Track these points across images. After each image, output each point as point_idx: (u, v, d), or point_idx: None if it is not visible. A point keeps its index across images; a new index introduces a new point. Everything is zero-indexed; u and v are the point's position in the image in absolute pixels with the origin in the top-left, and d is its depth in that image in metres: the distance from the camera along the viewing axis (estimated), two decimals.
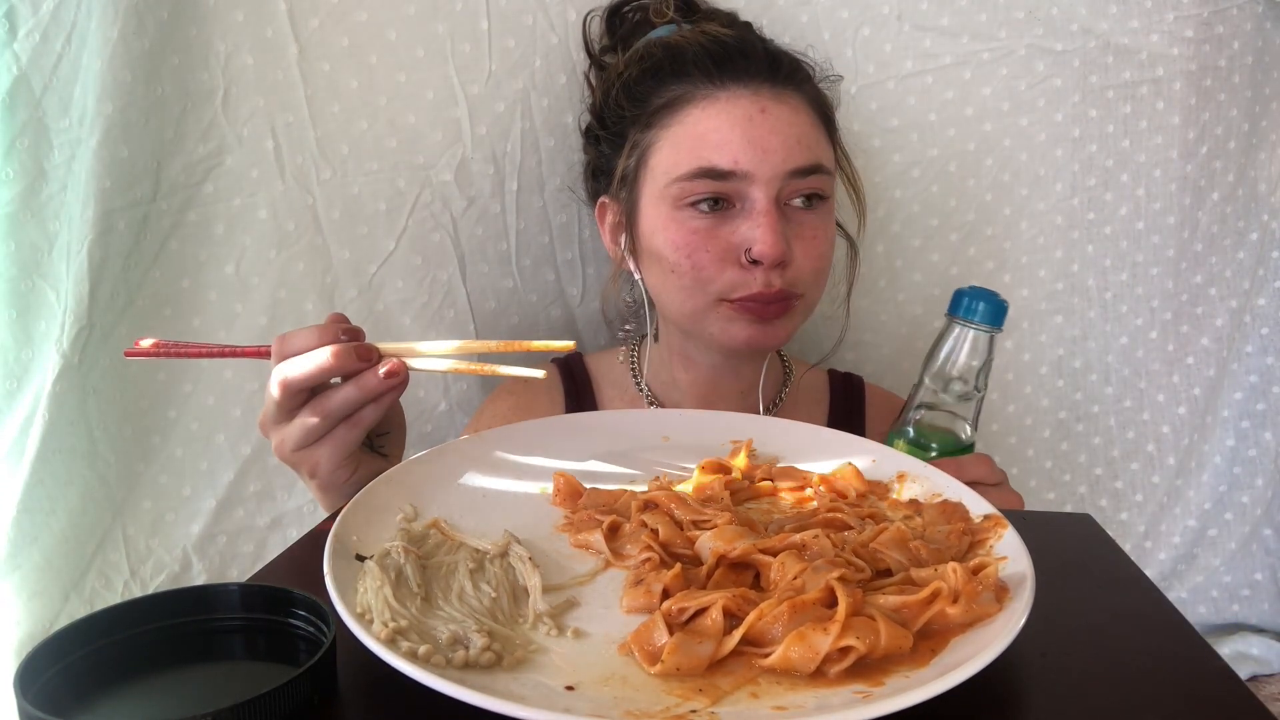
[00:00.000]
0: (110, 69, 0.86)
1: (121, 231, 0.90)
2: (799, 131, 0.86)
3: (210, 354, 0.74)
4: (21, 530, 0.89)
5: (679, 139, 0.86)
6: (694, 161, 0.84)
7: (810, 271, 0.87)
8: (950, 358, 0.80)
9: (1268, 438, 1.10)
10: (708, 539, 0.54)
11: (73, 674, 0.43)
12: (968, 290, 0.80)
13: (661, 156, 0.87)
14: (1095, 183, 1.08)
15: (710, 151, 0.84)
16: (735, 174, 0.84)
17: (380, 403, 0.70)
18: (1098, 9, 1.03)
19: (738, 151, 0.83)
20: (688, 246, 0.85)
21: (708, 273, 0.85)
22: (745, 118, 0.84)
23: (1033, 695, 0.45)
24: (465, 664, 0.44)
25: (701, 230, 0.85)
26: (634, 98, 0.90)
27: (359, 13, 0.96)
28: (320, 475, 0.72)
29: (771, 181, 0.84)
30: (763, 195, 0.83)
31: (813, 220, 0.87)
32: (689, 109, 0.86)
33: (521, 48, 1.01)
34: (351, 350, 0.68)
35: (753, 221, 0.84)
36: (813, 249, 0.87)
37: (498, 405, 1.00)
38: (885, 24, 1.05)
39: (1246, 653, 1.10)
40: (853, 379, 1.05)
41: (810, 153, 0.86)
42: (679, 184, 0.85)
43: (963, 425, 0.81)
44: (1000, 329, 0.80)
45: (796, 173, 0.85)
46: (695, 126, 0.86)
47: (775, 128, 0.85)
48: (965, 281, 1.10)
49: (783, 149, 0.84)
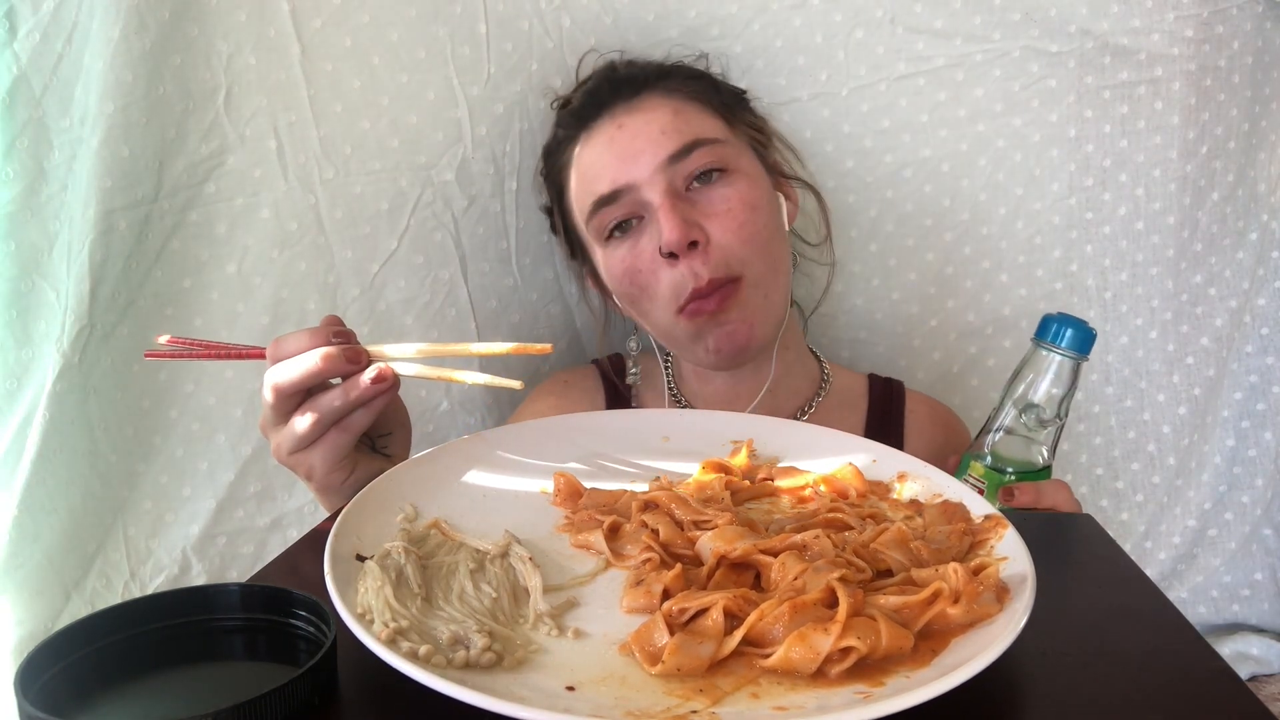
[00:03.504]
0: (112, 68, 0.86)
1: (123, 231, 0.90)
2: (660, 125, 0.89)
3: (220, 355, 0.74)
4: (22, 530, 0.89)
5: (574, 191, 0.94)
6: (587, 200, 0.91)
7: (736, 243, 0.87)
8: (1034, 384, 0.79)
9: (1268, 438, 1.10)
10: (708, 539, 0.54)
11: (73, 674, 0.44)
12: (1055, 316, 0.79)
13: (572, 211, 0.95)
14: (1093, 182, 1.08)
15: (592, 184, 0.91)
16: (620, 191, 0.88)
17: (370, 408, 0.70)
18: (1098, 9, 1.03)
19: (611, 171, 0.89)
20: (624, 273, 0.90)
21: (650, 287, 0.89)
22: (606, 140, 0.90)
23: (1033, 695, 0.45)
24: (466, 664, 0.44)
25: (627, 253, 0.90)
26: (547, 179, 1.00)
27: (361, 14, 0.97)
28: (315, 478, 0.72)
29: (653, 179, 0.87)
30: (654, 193, 0.87)
31: (720, 193, 0.88)
32: (571, 164, 0.94)
33: (519, 52, 1.02)
34: (340, 354, 0.68)
35: (657, 221, 0.87)
36: (727, 219, 0.87)
37: (538, 405, 1.02)
38: (878, 27, 1.05)
39: (1246, 653, 1.10)
40: (893, 384, 1.05)
41: (680, 135, 0.88)
42: (590, 226, 0.92)
43: (1039, 450, 0.80)
44: (1087, 357, 0.79)
45: (672, 158, 0.87)
46: (578, 174, 0.93)
47: (635, 133, 0.89)
48: (960, 280, 1.11)
49: (648, 147, 0.88)
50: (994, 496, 0.78)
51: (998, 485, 0.79)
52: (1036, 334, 0.79)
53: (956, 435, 1.03)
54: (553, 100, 1.01)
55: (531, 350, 0.68)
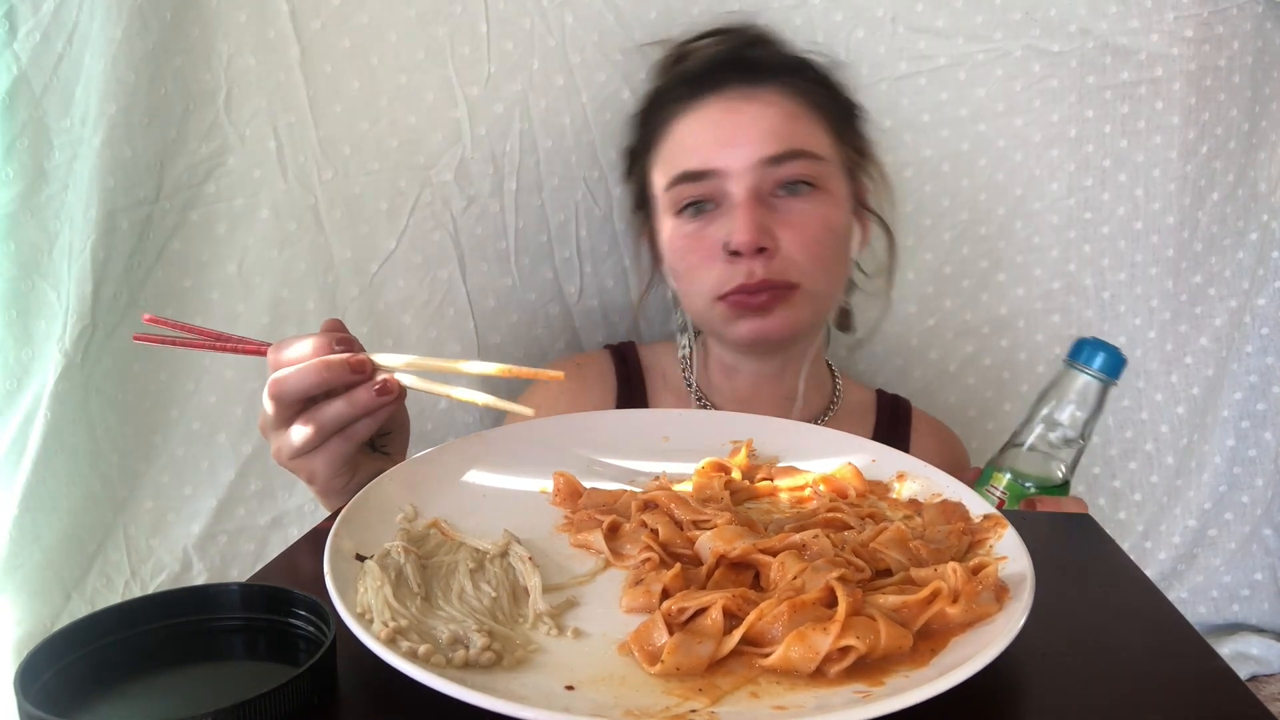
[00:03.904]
0: (114, 69, 0.87)
1: (125, 231, 0.90)
2: (771, 124, 0.88)
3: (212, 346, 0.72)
4: (23, 529, 0.89)
5: (664, 154, 0.93)
6: (674, 169, 0.90)
7: (802, 258, 0.87)
8: (1061, 403, 0.81)
9: (1268, 438, 1.10)
10: (708, 539, 0.54)
11: (73, 673, 0.43)
12: (1089, 340, 0.82)
13: (655, 174, 0.94)
14: (1092, 182, 1.08)
15: (685, 157, 0.90)
16: (709, 173, 0.88)
17: (374, 417, 0.69)
18: (1097, 9, 1.04)
19: (708, 152, 0.88)
20: (682, 250, 0.90)
21: (699, 272, 0.89)
22: (713, 121, 0.89)
23: (1033, 695, 0.45)
24: (465, 664, 0.44)
25: (691, 233, 0.90)
26: (638, 128, 0.99)
27: (360, 15, 0.97)
28: (318, 482, 0.71)
29: (745, 174, 0.87)
30: (739, 189, 0.87)
31: (801, 208, 0.88)
32: (671, 126, 0.93)
33: (520, 50, 1.02)
34: (344, 364, 0.66)
35: (732, 215, 0.87)
36: (801, 235, 0.87)
37: (550, 386, 0.99)
38: (880, 26, 1.05)
39: (1246, 653, 1.10)
40: (900, 401, 1.06)
41: (786, 140, 0.88)
42: (666, 194, 0.92)
43: (1059, 466, 0.82)
44: (1116, 382, 0.81)
45: (770, 161, 0.87)
46: (674, 139, 0.92)
47: (743, 123, 0.88)
48: (958, 279, 1.11)
49: (752, 142, 0.87)
50: (1015, 506, 0.80)
51: (1019, 497, 0.81)
52: (1069, 355, 0.82)
53: (956, 456, 1.04)
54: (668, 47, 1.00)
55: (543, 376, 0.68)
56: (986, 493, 0.83)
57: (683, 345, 1.01)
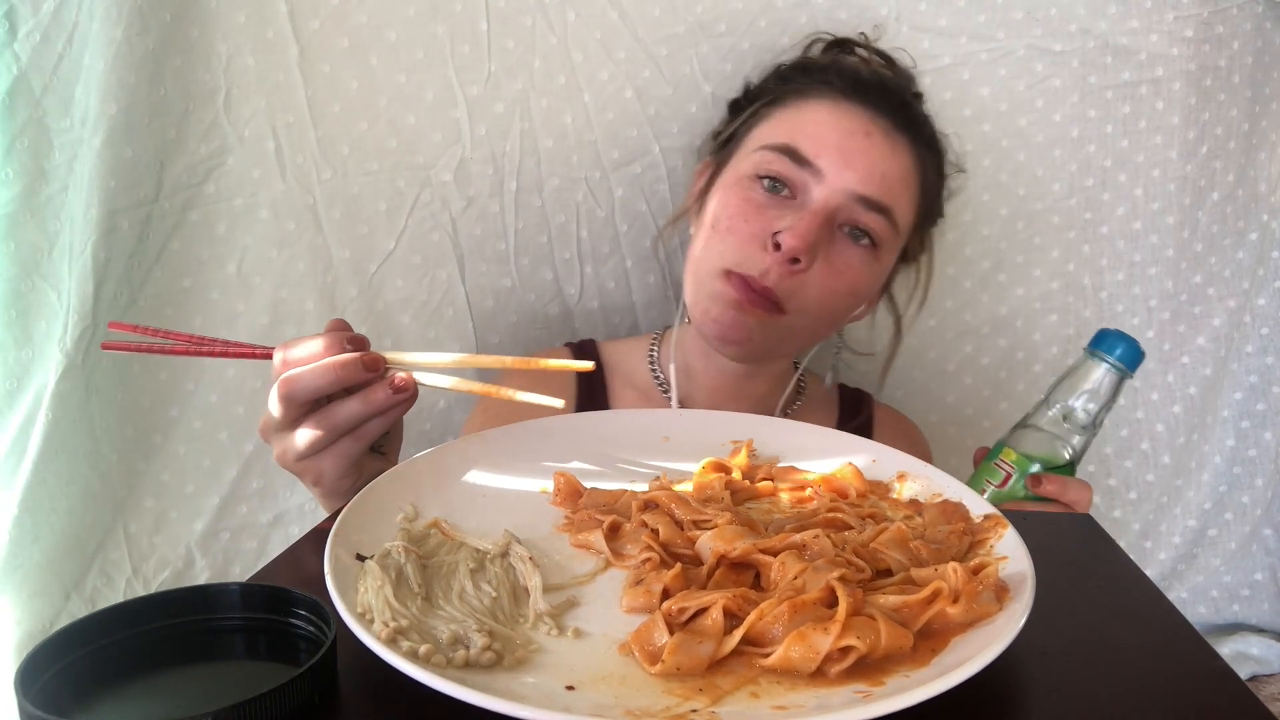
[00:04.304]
0: (114, 70, 0.86)
1: (125, 231, 0.90)
2: (889, 169, 0.87)
3: (203, 352, 0.71)
4: (23, 529, 0.89)
5: (786, 118, 0.90)
6: (784, 137, 0.88)
7: (815, 296, 0.86)
8: (1078, 389, 0.85)
9: (1268, 438, 1.10)
10: (708, 539, 0.54)
11: (73, 673, 0.43)
12: (1111, 331, 0.85)
13: (765, 127, 0.91)
14: (1093, 183, 1.08)
15: (802, 137, 0.87)
16: (811, 166, 0.86)
17: (387, 416, 0.68)
18: (1097, 9, 1.03)
19: (825, 149, 0.86)
20: (733, 210, 0.87)
21: (735, 240, 0.86)
22: (848, 130, 0.87)
23: (1033, 695, 0.45)
24: (466, 664, 0.44)
25: (754, 203, 0.87)
26: (777, 80, 0.96)
27: (359, 14, 0.97)
28: (324, 484, 0.70)
29: (836, 193, 0.85)
30: (822, 197, 0.85)
31: (850, 254, 0.87)
32: (808, 101, 0.90)
33: (520, 49, 1.01)
34: (358, 362, 0.66)
35: (798, 213, 0.85)
36: (830, 277, 0.86)
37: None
38: (883, 25, 1.05)
39: (1246, 653, 1.10)
40: (862, 395, 1.06)
41: (887, 192, 0.87)
42: (762, 151, 0.88)
43: (1066, 448, 0.85)
44: (1132, 374, 0.85)
45: (864, 200, 0.86)
46: (803, 114, 0.89)
47: (869, 150, 0.86)
48: (960, 280, 1.11)
49: (864, 170, 0.86)
50: (1021, 481, 0.84)
51: (1025, 472, 0.85)
52: (1091, 344, 0.85)
53: (917, 447, 1.03)
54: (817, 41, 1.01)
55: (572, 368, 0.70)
56: (995, 467, 0.86)
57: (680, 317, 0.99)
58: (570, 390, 0.99)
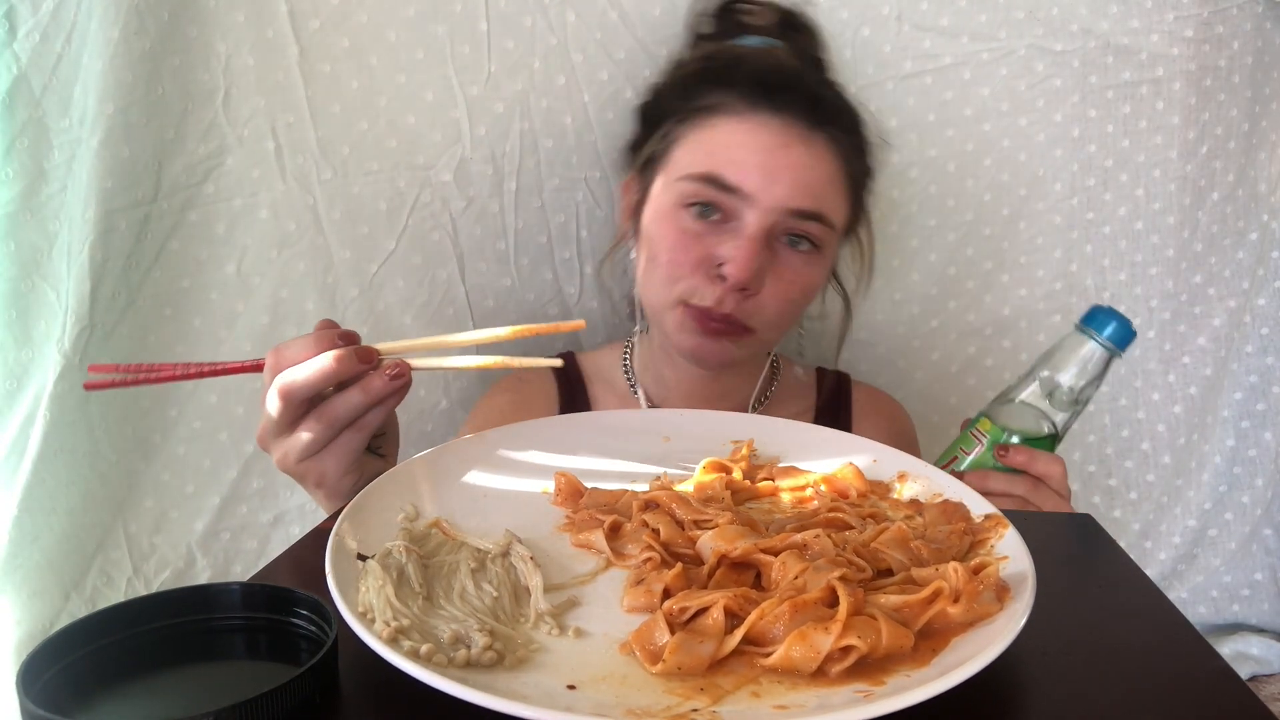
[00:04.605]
0: (112, 69, 0.86)
1: (123, 231, 0.90)
2: (814, 176, 0.87)
3: (190, 375, 0.71)
4: (22, 530, 0.89)
5: (702, 141, 0.88)
6: (705, 166, 0.86)
7: (772, 311, 0.88)
8: (1064, 365, 0.83)
9: (1268, 438, 1.10)
10: (709, 539, 0.54)
11: (75, 673, 0.43)
12: (1103, 308, 0.83)
13: (682, 152, 0.89)
14: (1094, 183, 1.08)
15: (723, 163, 0.86)
16: (737, 191, 0.85)
17: (385, 405, 0.69)
18: (1098, 9, 1.04)
19: (747, 172, 0.85)
20: (671, 243, 0.87)
21: (680, 272, 0.87)
22: (766, 146, 0.86)
23: (1033, 695, 0.45)
24: (467, 663, 0.44)
25: (690, 233, 0.87)
26: (683, 92, 0.92)
27: (359, 14, 0.97)
28: (327, 484, 0.71)
29: (768, 212, 0.85)
30: (755, 221, 0.85)
31: (795, 263, 0.88)
32: (722, 118, 0.88)
33: (520, 49, 1.02)
34: (352, 354, 0.66)
35: (736, 241, 0.85)
36: (781, 289, 0.87)
37: (494, 400, 1.01)
38: (885, 24, 1.05)
39: (1246, 653, 1.10)
40: (841, 376, 1.06)
41: (816, 200, 0.86)
42: (685, 182, 0.87)
43: (1047, 424, 0.83)
44: (1121, 353, 0.83)
45: (796, 213, 0.86)
46: (719, 135, 0.87)
47: (791, 164, 0.86)
48: (962, 281, 1.11)
49: (791, 185, 0.85)
50: (990, 450, 0.83)
51: (997, 442, 0.83)
52: (1081, 320, 0.83)
53: (901, 425, 1.04)
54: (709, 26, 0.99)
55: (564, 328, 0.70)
56: (970, 436, 0.85)
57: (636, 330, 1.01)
58: (553, 400, 1.00)
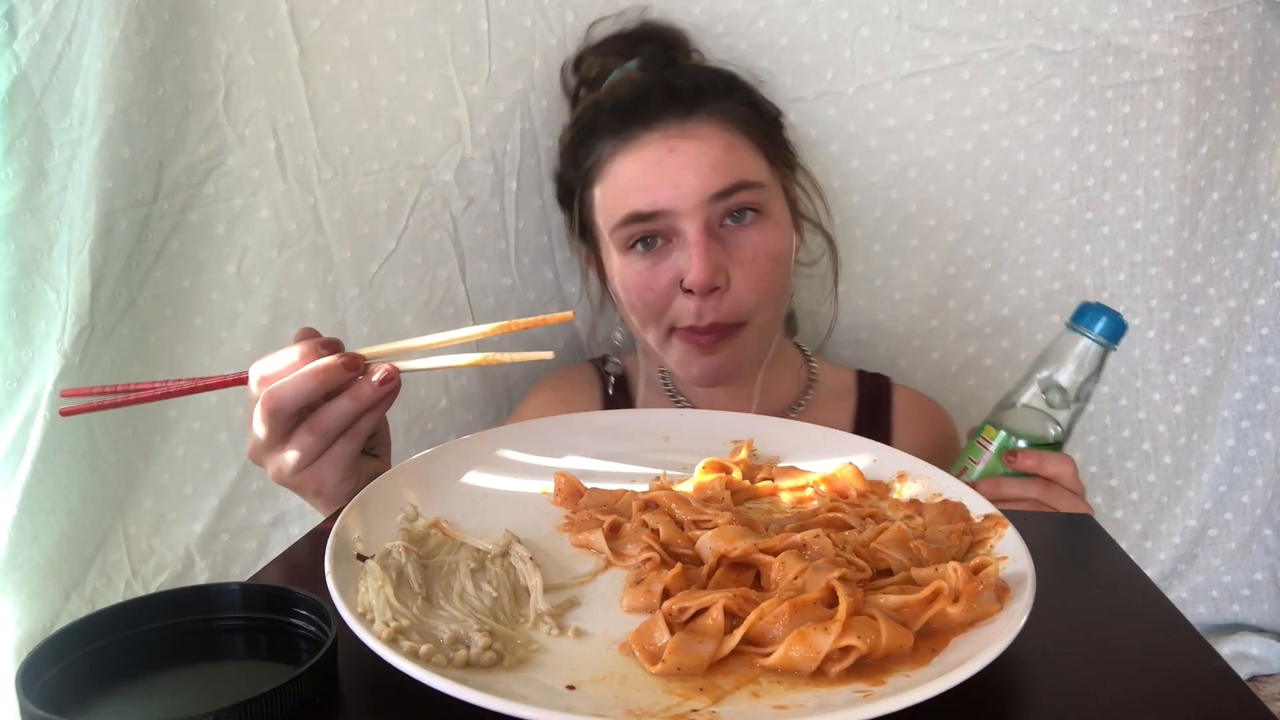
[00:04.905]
0: (112, 69, 0.86)
1: (123, 231, 0.90)
2: (712, 158, 0.87)
3: (170, 394, 0.71)
4: (22, 530, 0.89)
5: (608, 191, 0.91)
6: (621, 210, 0.89)
7: (752, 295, 0.88)
8: (1060, 364, 0.83)
9: (1268, 438, 1.10)
10: (708, 539, 0.54)
11: (74, 673, 0.44)
12: (1092, 305, 0.83)
13: (599, 209, 0.93)
14: (1094, 183, 1.08)
15: (632, 198, 0.88)
16: (658, 214, 0.87)
17: (377, 410, 0.69)
18: (1098, 9, 1.03)
19: (655, 193, 0.87)
20: (637, 287, 0.90)
21: (657, 307, 0.89)
22: (655, 161, 0.88)
23: (1033, 695, 0.45)
24: (466, 663, 0.44)
25: (644, 270, 0.89)
26: (573, 161, 0.96)
27: (360, 14, 0.97)
28: (326, 491, 0.70)
29: (694, 212, 0.86)
30: (691, 226, 0.86)
31: (751, 238, 0.89)
32: (611, 163, 0.91)
33: (521, 49, 1.02)
34: (338, 364, 0.66)
35: (686, 252, 0.86)
36: (752, 271, 0.88)
37: (538, 399, 1.02)
38: (884, 25, 1.05)
39: (1246, 653, 1.10)
40: (880, 379, 1.05)
41: (729, 173, 0.87)
42: (615, 232, 0.90)
43: (1052, 426, 0.83)
44: (1115, 347, 0.82)
45: (718, 196, 0.87)
46: (618, 178, 0.90)
47: (686, 163, 0.87)
48: (961, 280, 1.11)
49: (697, 179, 0.86)
50: (999, 457, 0.82)
51: (1004, 448, 0.82)
52: (1071, 318, 0.83)
53: (943, 428, 1.04)
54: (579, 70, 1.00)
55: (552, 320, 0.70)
56: (977, 445, 0.85)
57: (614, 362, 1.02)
58: (597, 401, 1.01)
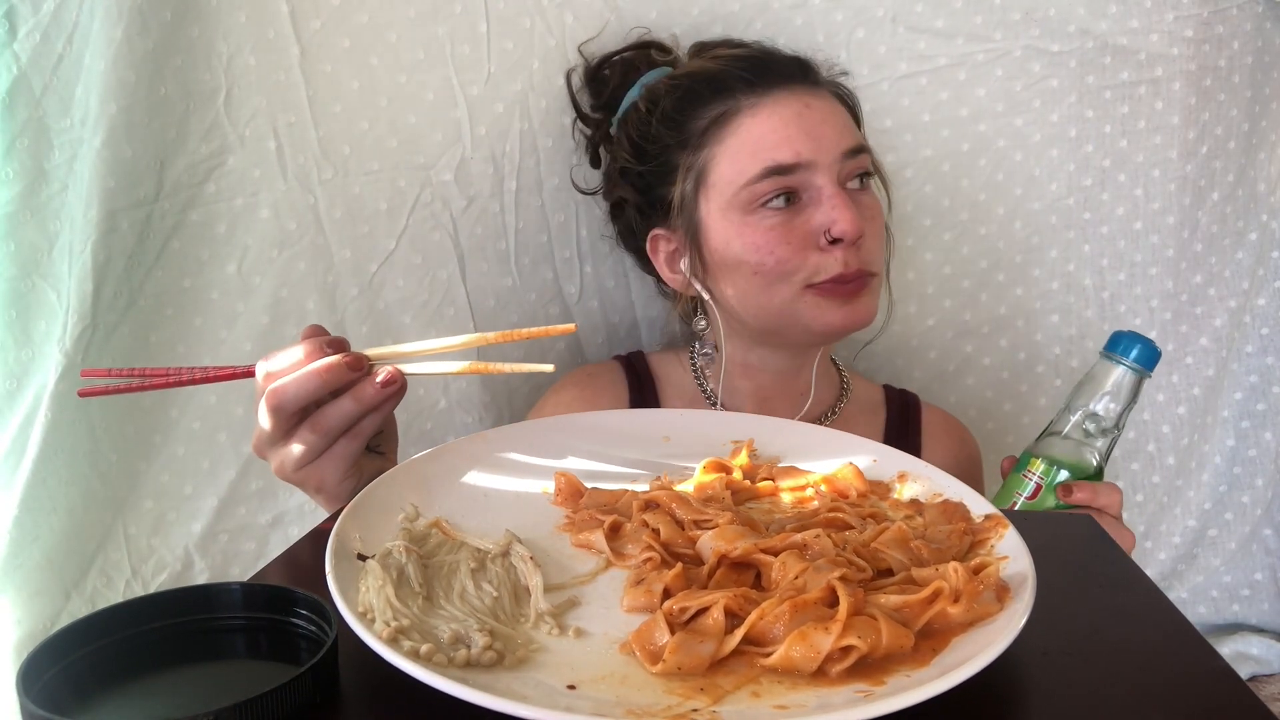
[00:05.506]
0: (114, 69, 0.86)
1: (125, 231, 0.90)
2: (840, 118, 0.92)
3: (181, 382, 0.71)
4: (23, 529, 0.89)
5: (736, 149, 0.90)
6: (759, 164, 0.88)
7: (877, 248, 0.92)
8: (1098, 394, 0.84)
9: (1268, 438, 1.10)
10: (709, 539, 0.54)
11: (75, 672, 0.44)
12: (1125, 333, 0.84)
13: (722, 170, 0.90)
14: (1091, 182, 1.08)
15: (772, 151, 0.88)
16: (800, 165, 0.88)
17: (380, 411, 0.69)
18: (1096, 9, 1.04)
19: (798, 144, 0.88)
20: (769, 244, 0.88)
21: (792, 264, 0.88)
22: (795, 114, 0.89)
23: (1033, 695, 0.45)
24: (467, 663, 0.44)
25: (778, 226, 0.89)
26: (675, 126, 0.93)
27: (360, 14, 0.97)
28: (327, 489, 0.70)
29: (832, 166, 0.88)
30: (827, 180, 0.88)
31: (869, 200, 0.93)
32: (738, 119, 0.90)
33: (520, 50, 1.02)
34: (341, 364, 0.66)
35: (825, 205, 0.88)
36: (875, 225, 0.92)
37: (562, 395, 1.01)
38: (879, 26, 1.05)
39: (1246, 653, 1.10)
40: (908, 396, 1.06)
41: (854, 135, 0.92)
42: (748, 189, 0.88)
43: (1093, 454, 0.85)
44: (1150, 374, 0.84)
45: (849, 153, 0.90)
46: (750, 133, 0.89)
47: (823, 118, 0.90)
48: (957, 279, 1.11)
49: (834, 134, 0.89)
50: (1051, 491, 0.84)
51: (1054, 482, 0.84)
52: (1105, 347, 0.85)
53: (970, 451, 1.04)
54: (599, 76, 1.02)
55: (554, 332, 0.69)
56: (1023, 478, 0.86)
57: (705, 352, 1.00)
58: (623, 399, 1.01)
